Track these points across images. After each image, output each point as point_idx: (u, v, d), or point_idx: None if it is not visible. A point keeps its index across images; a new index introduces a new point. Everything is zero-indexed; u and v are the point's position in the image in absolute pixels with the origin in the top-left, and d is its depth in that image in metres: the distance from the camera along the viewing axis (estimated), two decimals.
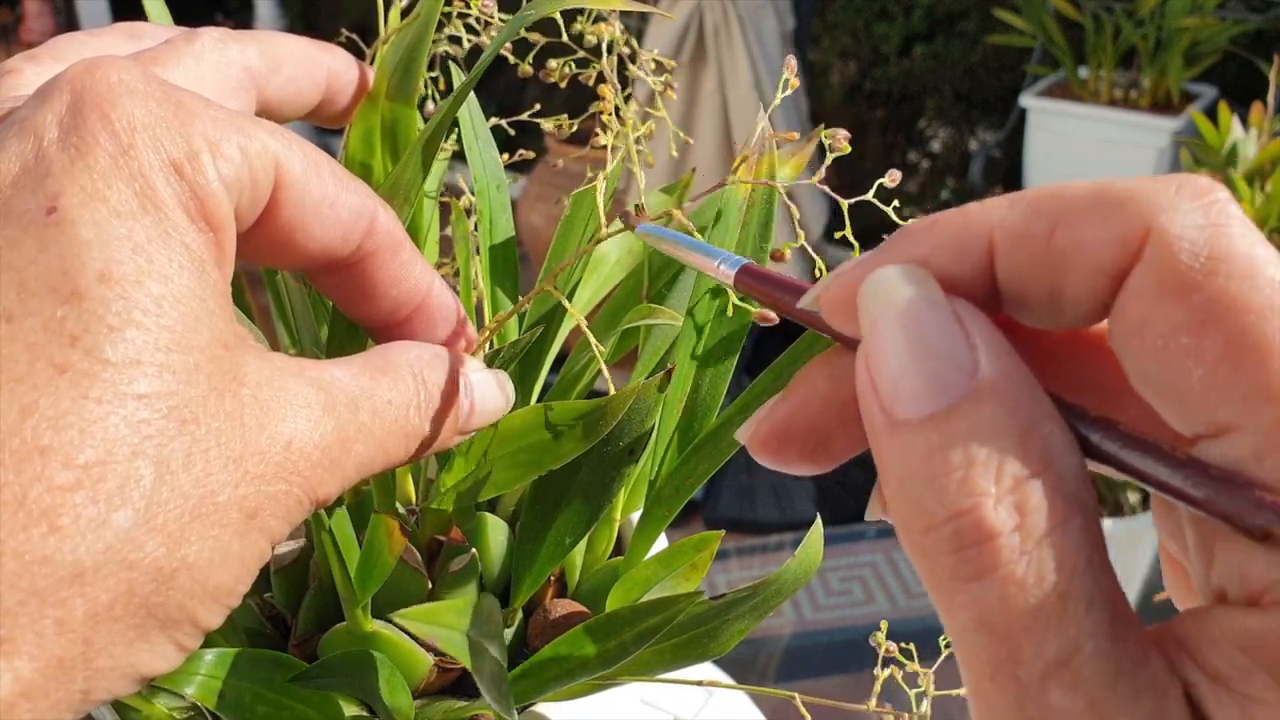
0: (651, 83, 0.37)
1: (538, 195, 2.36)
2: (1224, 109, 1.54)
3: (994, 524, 0.17)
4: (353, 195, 0.26)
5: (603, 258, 0.40)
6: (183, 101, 0.23)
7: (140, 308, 0.21)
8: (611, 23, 0.36)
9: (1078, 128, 2.16)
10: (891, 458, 0.19)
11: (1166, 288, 0.18)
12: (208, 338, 0.22)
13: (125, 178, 0.22)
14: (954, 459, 0.18)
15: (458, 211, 0.40)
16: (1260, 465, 0.17)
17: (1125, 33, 2.10)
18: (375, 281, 0.28)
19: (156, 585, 0.21)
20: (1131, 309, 0.18)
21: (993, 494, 0.17)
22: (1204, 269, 0.17)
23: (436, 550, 0.37)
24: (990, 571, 0.17)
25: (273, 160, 0.25)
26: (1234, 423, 0.17)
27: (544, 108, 0.41)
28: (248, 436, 0.22)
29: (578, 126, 0.40)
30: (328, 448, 0.24)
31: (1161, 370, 0.18)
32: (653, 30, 2.16)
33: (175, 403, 0.21)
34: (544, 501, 0.34)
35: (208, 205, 0.23)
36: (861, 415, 0.19)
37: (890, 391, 0.19)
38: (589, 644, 0.33)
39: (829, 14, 2.76)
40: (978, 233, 0.20)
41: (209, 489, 0.21)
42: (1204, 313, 0.17)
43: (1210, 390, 0.17)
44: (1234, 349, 0.17)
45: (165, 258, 0.22)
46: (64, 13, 3.43)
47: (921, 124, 2.81)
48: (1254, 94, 1.70)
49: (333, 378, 0.25)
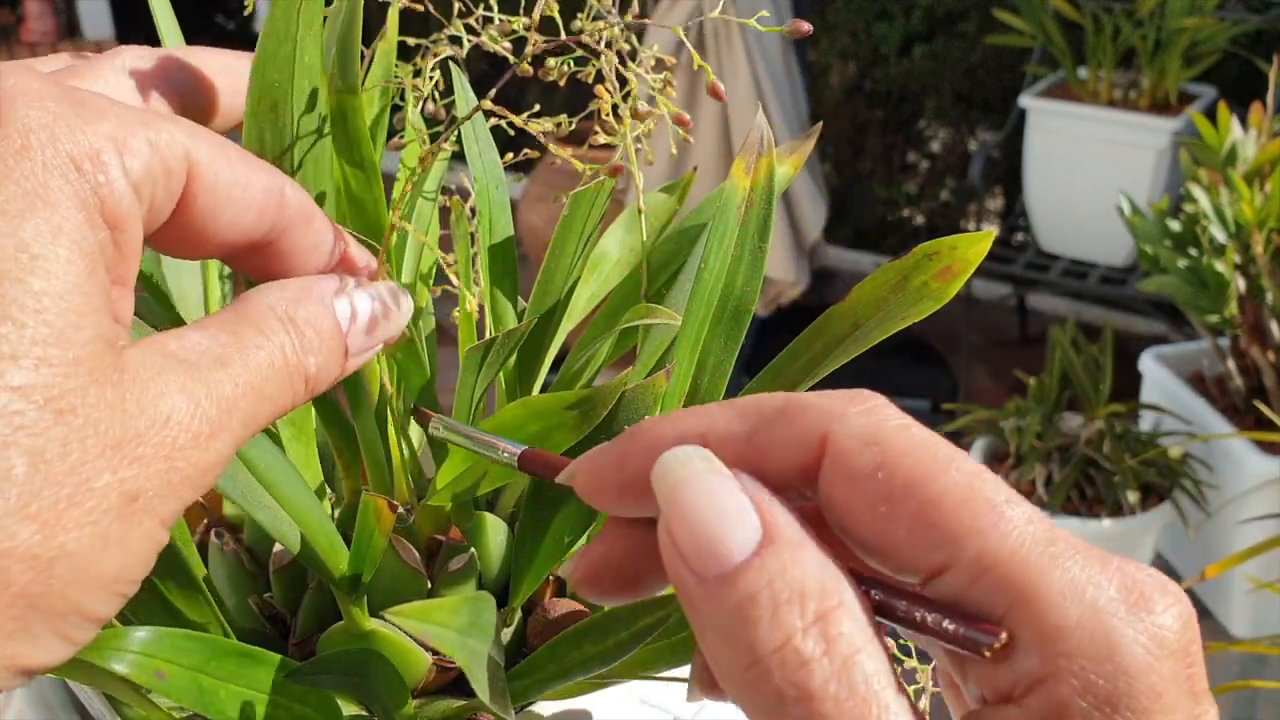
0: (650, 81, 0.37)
1: (538, 195, 2.36)
2: (1223, 109, 1.54)
3: (806, 653, 0.20)
4: (261, 174, 0.27)
5: (602, 257, 0.40)
6: (85, 101, 0.23)
7: (18, 304, 0.21)
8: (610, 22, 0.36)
9: (1077, 128, 2.16)
10: (705, 611, 0.21)
11: (854, 473, 0.22)
12: (90, 333, 0.22)
13: (17, 177, 0.22)
14: (763, 601, 0.21)
15: (458, 211, 0.40)
16: (975, 590, 0.21)
17: (1125, 33, 2.10)
18: (293, 253, 0.28)
19: (35, 574, 0.21)
20: (835, 496, 0.22)
21: (800, 627, 0.20)
22: (877, 454, 0.22)
23: (436, 550, 0.37)
24: (808, 696, 0.20)
25: (183, 151, 0.25)
26: (945, 563, 0.21)
27: (544, 108, 0.41)
28: (128, 422, 0.22)
29: (576, 126, 0.40)
30: (204, 414, 0.23)
31: (875, 537, 0.22)
32: (652, 30, 2.16)
33: (52, 394, 0.21)
34: (543, 500, 0.34)
35: (107, 202, 0.23)
36: (670, 578, 0.22)
37: (695, 552, 0.21)
38: (587, 643, 0.33)
39: (829, 14, 2.76)
40: (696, 434, 0.24)
41: (84, 476, 0.21)
42: (888, 485, 0.22)
43: (916, 542, 0.21)
44: (921, 507, 0.21)
45: (52, 254, 0.22)
46: (64, 13, 3.43)
47: (921, 124, 2.81)
48: (1253, 94, 1.70)
49: (194, 344, 0.24)
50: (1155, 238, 1.59)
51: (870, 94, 2.81)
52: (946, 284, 0.32)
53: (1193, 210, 1.52)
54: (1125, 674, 0.20)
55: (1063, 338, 1.77)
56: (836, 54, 2.80)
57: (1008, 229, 2.45)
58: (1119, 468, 1.65)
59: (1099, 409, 1.71)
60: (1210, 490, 1.65)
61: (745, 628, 0.20)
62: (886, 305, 0.33)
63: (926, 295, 0.32)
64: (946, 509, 0.21)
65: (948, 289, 0.32)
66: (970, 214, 2.60)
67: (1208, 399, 1.68)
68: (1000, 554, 0.21)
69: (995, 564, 0.21)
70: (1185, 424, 1.68)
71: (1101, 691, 0.20)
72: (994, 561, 0.21)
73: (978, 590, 0.21)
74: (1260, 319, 1.55)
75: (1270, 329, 1.55)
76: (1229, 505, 1.60)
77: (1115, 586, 0.20)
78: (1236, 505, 1.56)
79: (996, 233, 0.34)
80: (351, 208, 0.34)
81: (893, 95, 2.78)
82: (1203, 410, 1.66)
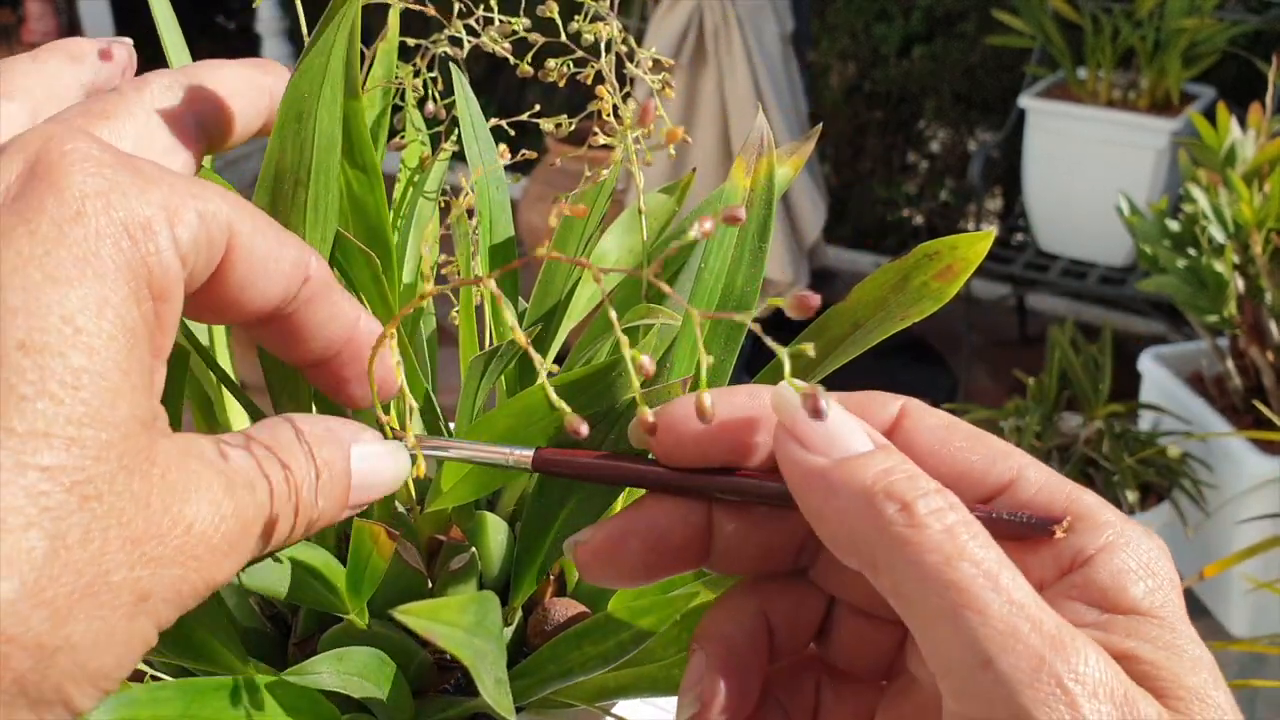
0: (649, 81, 0.37)
1: (538, 195, 2.36)
2: (1222, 110, 1.54)
3: (945, 503, 0.24)
4: (291, 248, 0.27)
5: (601, 258, 0.40)
6: (139, 169, 0.23)
7: (57, 379, 0.21)
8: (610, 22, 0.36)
9: (1076, 128, 2.16)
10: (834, 482, 0.25)
11: (931, 426, 0.28)
12: (125, 414, 0.22)
13: (68, 244, 0.22)
14: (897, 471, 0.25)
15: (458, 211, 0.40)
16: (1037, 498, 0.27)
17: (1124, 33, 2.10)
18: (308, 325, 0.28)
19: (35, 663, 0.20)
20: (917, 442, 0.27)
21: (932, 488, 0.25)
22: (944, 414, 0.28)
23: (436, 549, 0.37)
24: (958, 545, 0.24)
25: (226, 223, 0.25)
26: (1012, 478, 0.27)
27: (544, 108, 0.41)
28: (151, 518, 0.22)
29: (576, 126, 0.40)
30: (227, 532, 0.23)
31: (952, 465, 0.27)
32: (652, 31, 2.16)
33: (80, 478, 0.21)
34: (544, 500, 0.34)
35: (155, 272, 0.23)
36: (788, 467, 0.26)
37: (825, 441, 0.25)
38: (588, 643, 0.33)
39: (828, 15, 2.76)
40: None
41: (103, 568, 0.21)
42: (960, 429, 0.28)
43: (988, 465, 0.27)
44: (988, 441, 0.28)
45: (95, 329, 0.21)
46: (65, 13, 3.42)
47: (920, 125, 2.81)
48: (1252, 95, 1.70)
49: (232, 459, 0.25)
50: (1154, 238, 1.59)
51: (870, 94, 2.81)
52: (946, 284, 0.32)
53: (1192, 210, 1.53)
54: (1161, 550, 0.26)
55: (1062, 338, 1.77)
56: (836, 54, 2.80)
57: (1007, 229, 2.45)
58: (1118, 467, 1.65)
59: (1098, 409, 1.71)
60: (1209, 490, 1.65)
61: (888, 492, 0.24)
62: (886, 305, 0.33)
63: (926, 295, 0.32)
64: (1005, 444, 0.27)
65: (948, 289, 0.32)
66: (970, 214, 2.60)
67: (1207, 399, 1.68)
68: (1050, 475, 0.27)
69: (1050, 481, 0.26)
70: (1184, 424, 1.68)
71: (1145, 560, 0.25)
72: (1049, 479, 0.26)
73: (1040, 498, 0.26)
74: (1259, 319, 1.55)
75: (1269, 329, 1.55)
76: (1228, 505, 1.60)
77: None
78: (1235, 505, 1.56)
79: (996, 233, 0.34)
80: (353, 209, 0.34)
81: (892, 96, 2.78)
82: (1202, 410, 1.66)
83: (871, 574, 0.25)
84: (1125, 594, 0.25)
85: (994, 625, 0.22)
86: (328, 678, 0.33)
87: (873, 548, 0.24)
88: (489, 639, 0.30)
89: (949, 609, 0.23)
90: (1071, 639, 0.22)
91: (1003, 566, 0.23)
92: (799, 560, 0.30)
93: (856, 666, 0.30)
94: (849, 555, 0.25)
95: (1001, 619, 0.22)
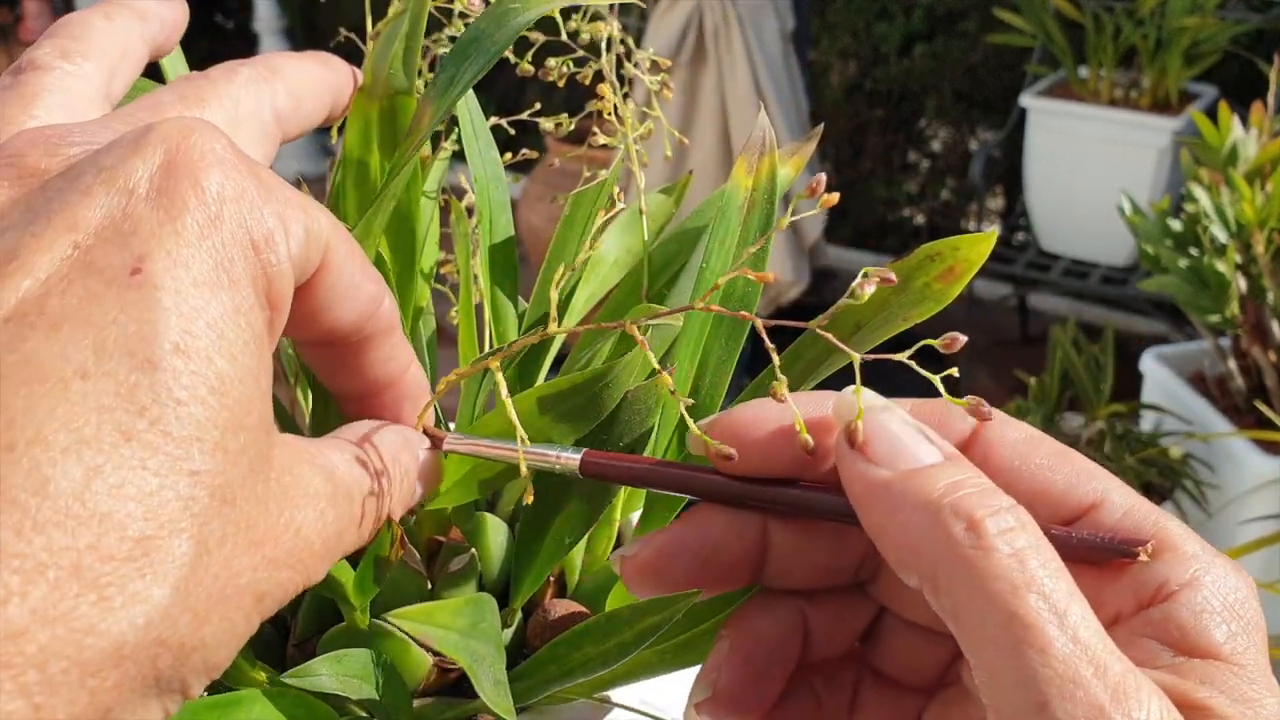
0: (648, 81, 0.37)
1: (538, 195, 2.36)
2: (1224, 109, 1.54)
3: (1015, 521, 0.23)
4: (371, 282, 0.27)
5: (602, 257, 0.40)
6: (261, 177, 0.23)
7: (208, 384, 0.21)
8: (609, 21, 0.36)
9: (1078, 127, 2.16)
10: (897, 495, 0.24)
11: (1012, 441, 0.27)
12: (256, 419, 0.22)
13: (209, 248, 0.22)
14: (967, 485, 0.23)
15: (458, 211, 0.40)
16: (1123, 522, 0.25)
17: (1125, 32, 2.10)
18: (365, 361, 0.29)
19: (174, 661, 0.21)
20: (995, 457, 0.26)
21: (1003, 505, 0.23)
22: (1024, 427, 0.27)
23: (436, 550, 0.37)
24: (1024, 564, 0.22)
25: (325, 241, 0.25)
26: (1096, 500, 0.26)
27: (543, 108, 0.41)
28: (269, 521, 0.22)
29: (575, 125, 0.40)
30: (327, 538, 0.24)
31: (1032, 484, 0.26)
32: (652, 30, 2.16)
33: (220, 482, 0.21)
34: (543, 501, 0.34)
35: (274, 284, 0.23)
36: (849, 476, 0.25)
37: (889, 453, 0.24)
38: (588, 644, 0.33)
39: (829, 14, 2.76)
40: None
41: (234, 570, 0.21)
42: (1042, 446, 0.26)
43: (1071, 486, 0.26)
44: (1073, 460, 0.26)
45: (234, 335, 0.22)
46: (63, 13, 3.43)
47: (921, 124, 2.81)
48: (1254, 94, 1.70)
49: (334, 466, 0.25)
50: (1156, 237, 1.58)
51: (870, 93, 2.80)
52: (949, 285, 0.32)
53: (1194, 210, 1.52)
54: (1249, 589, 0.24)
55: (1064, 338, 1.77)
56: (837, 53, 2.80)
57: (1008, 229, 2.44)
58: (1120, 467, 1.65)
59: (1100, 409, 1.71)
60: (1211, 490, 1.65)
61: (955, 507, 0.23)
62: (888, 306, 0.33)
63: (928, 296, 0.32)
64: (1090, 464, 0.26)
65: (950, 290, 0.32)
66: (971, 214, 2.59)
67: (1209, 399, 1.68)
68: (1137, 500, 0.26)
69: (1137, 506, 0.25)
70: (1186, 424, 1.68)
71: (1230, 600, 0.24)
72: (1135, 504, 0.25)
73: (1125, 522, 0.25)
74: (1261, 319, 1.55)
75: (1271, 329, 1.55)
76: (1230, 505, 1.59)
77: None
78: (1237, 505, 1.56)
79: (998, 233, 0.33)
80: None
81: (893, 95, 2.78)
82: (1204, 410, 1.66)
83: (931, 594, 0.23)
84: (1206, 636, 0.23)
85: (1055, 667, 0.21)
86: (327, 679, 0.33)
87: (935, 566, 0.23)
88: (486, 641, 0.30)
89: (1009, 643, 0.21)
90: (1136, 688, 0.21)
91: (1072, 600, 0.22)
92: (857, 576, 0.28)
93: (904, 674, 0.29)
94: (910, 573, 0.24)
95: (1063, 660, 0.21)
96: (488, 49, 0.32)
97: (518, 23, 0.32)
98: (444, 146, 0.40)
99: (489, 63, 0.32)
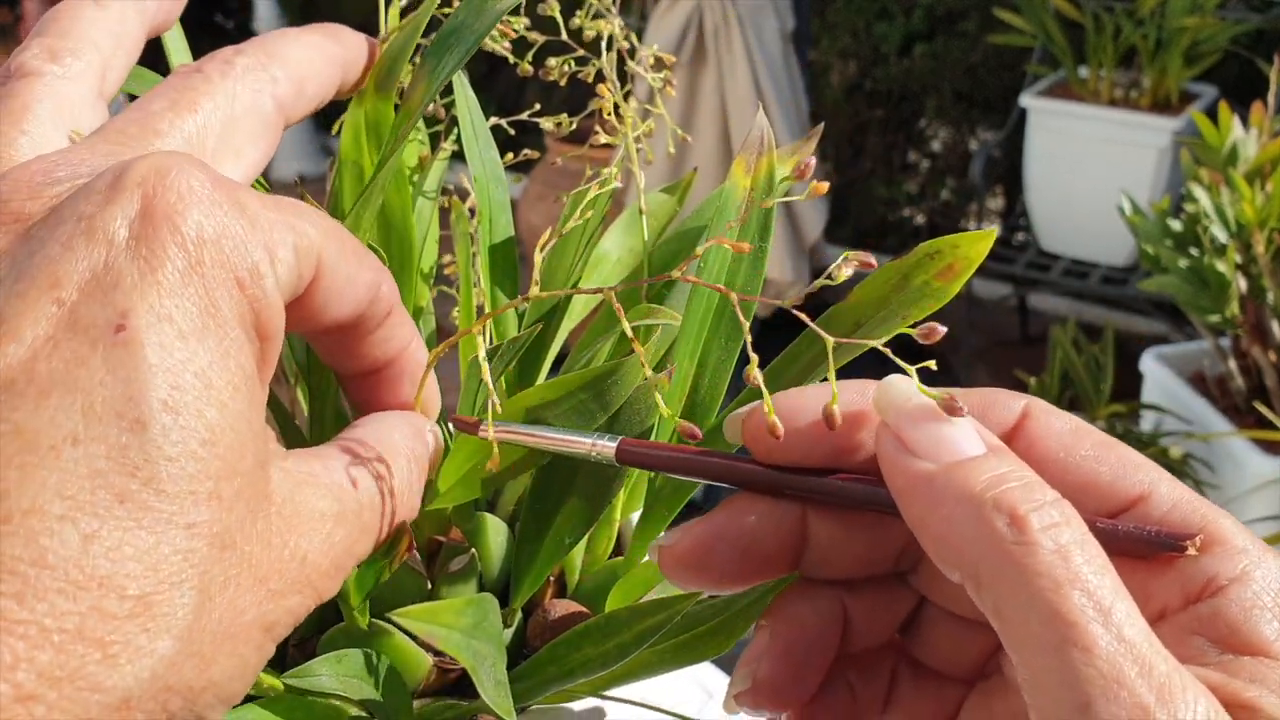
0: (650, 79, 0.37)
1: (538, 195, 2.36)
2: (1224, 109, 1.54)
3: (1060, 516, 0.22)
4: (368, 270, 0.27)
5: (602, 257, 0.40)
6: (245, 207, 0.23)
7: (198, 437, 0.21)
8: (610, 19, 0.36)
9: (1078, 127, 2.16)
10: (940, 488, 0.23)
11: (1057, 431, 0.26)
12: (250, 461, 0.22)
13: (192, 295, 0.22)
14: (1011, 479, 0.23)
15: (458, 211, 0.40)
16: (1170, 515, 0.25)
17: (1125, 32, 2.10)
18: (365, 341, 0.29)
19: (184, 703, 0.21)
20: (1040, 447, 0.26)
21: (1048, 499, 0.23)
22: (1069, 418, 0.26)
23: (435, 550, 0.37)
24: (1066, 558, 0.22)
25: (317, 252, 0.25)
26: (1143, 493, 0.25)
27: (544, 107, 0.41)
28: (272, 555, 0.23)
29: (577, 125, 0.40)
30: (336, 557, 0.25)
31: (1078, 476, 0.26)
32: (652, 30, 2.16)
33: (218, 529, 0.21)
34: (543, 501, 0.34)
35: (262, 316, 0.23)
36: (891, 469, 0.24)
37: (932, 446, 0.24)
38: (588, 644, 0.33)
39: (829, 14, 2.76)
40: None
41: (238, 609, 0.22)
42: (1088, 437, 0.26)
43: (1118, 477, 0.25)
44: (1119, 451, 0.26)
45: (223, 381, 0.22)
46: None
47: (921, 123, 2.81)
48: (1254, 94, 1.70)
49: (341, 483, 0.25)
50: (1156, 237, 1.58)
51: (870, 93, 2.80)
52: (948, 283, 0.32)
53: (1194, 210, 1.52)
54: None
55: (1064, 337, 1.77)
56: (837, 53, 2.80)
57: (1008, 228, 2.44)
58: None
59: (1100, 409, 1.71)
60: (1211, 490, 1.65)
61: (998, 501, 0.22)
62: (888, 305, 0.33)
63: (928, 294, 0.32)
64: (1137, 455, 0.25)
65: (949, 288, 0.32)
66: (971, 214, 2.59)
67: (1209, 399, 1.68)
68: (1185, 493, 0.25)
69: (1185, 499, 0.25)
70: (1186, 424, 1.68)
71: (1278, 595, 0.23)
72: (1183, 496, 0.25)
73: (1173, 515, 0.24)
74: (1261, 319, 1.55)
75: (1271, 329, 1.55)
76: (1230, 505, 1.59)
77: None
78: (1238, 505, 1.56)
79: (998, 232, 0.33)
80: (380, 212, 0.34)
81: (893, 94, 2.78)
82: (1204, 410, 1.66)
83: (974, 589, 0.23)
84: (1256, 633, 0.23)
85: (1098, 666, 0.20)
86: (327, 679, 0.33)
87: (977, 562, 0.22)
88: (488, 641, 0.30)
89: (1053, 641, 0.21)
90: (1183, 688, 0.20)
91: (1117, 597, 0.21)
92: (897, 566, 0.28)
93: (944, 665, 0.28)
94: (952, 568, 0.23)
95: (1107, 659, 0.20)
96: (468, 38, 0.32)
97: (497, 9, 0.32)
98: (444, 146, 0.40)
99: (469, 51, 0.32)
